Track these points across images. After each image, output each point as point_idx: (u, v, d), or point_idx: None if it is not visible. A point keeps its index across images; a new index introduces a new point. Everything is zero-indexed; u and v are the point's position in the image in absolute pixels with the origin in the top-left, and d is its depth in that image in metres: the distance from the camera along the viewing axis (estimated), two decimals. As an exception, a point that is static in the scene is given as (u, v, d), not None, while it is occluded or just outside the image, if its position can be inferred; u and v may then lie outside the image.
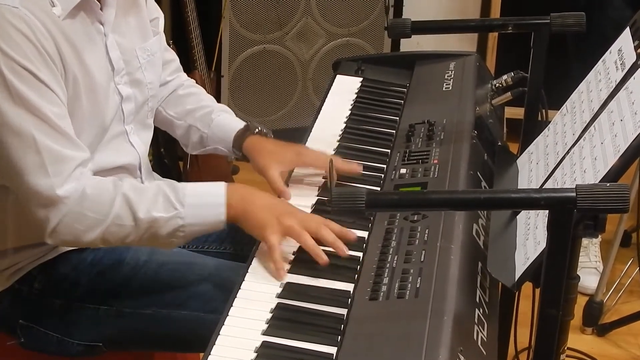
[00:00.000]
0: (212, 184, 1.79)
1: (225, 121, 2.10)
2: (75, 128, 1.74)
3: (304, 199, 1.91)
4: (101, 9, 1.80)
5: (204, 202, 1.75)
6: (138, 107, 1.92)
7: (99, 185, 1.72)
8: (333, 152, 2.09)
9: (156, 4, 2.05)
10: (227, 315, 1.54)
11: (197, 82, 2.26)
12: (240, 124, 2.09)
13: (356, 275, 1.63)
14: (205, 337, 1.50)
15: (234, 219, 1.75)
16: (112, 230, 1.71)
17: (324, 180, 1.98)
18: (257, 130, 2.06)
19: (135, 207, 1.70)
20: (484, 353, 1.45)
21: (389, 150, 2.08)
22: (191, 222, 1.73)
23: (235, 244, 2.12)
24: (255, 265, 1.69)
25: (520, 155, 1.95)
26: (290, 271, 1.67)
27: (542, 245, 1.44)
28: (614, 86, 1.67)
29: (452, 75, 2.35)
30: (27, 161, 1.65)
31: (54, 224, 1.68)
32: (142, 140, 1.95)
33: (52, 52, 1.66)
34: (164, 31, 2.11)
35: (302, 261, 1.70)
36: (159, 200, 1.72)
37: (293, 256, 1.71)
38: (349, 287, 1.61)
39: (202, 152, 2.15)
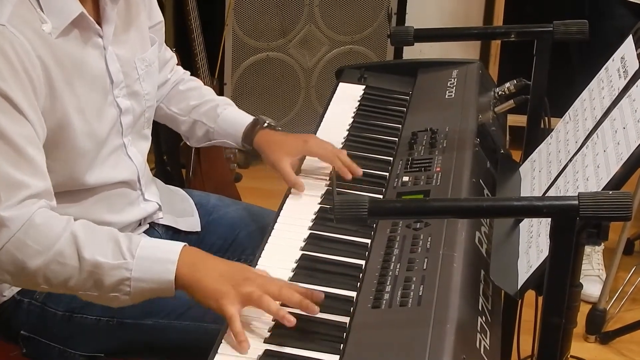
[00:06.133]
0: (169, 242, 1.67)
1: (232, 115, 2.11)
2: (68, 145, 1.73)
3: (306, 207, 1.91)
4: (100, 23, 1.78)
5: (155, 256, 1.60)
6: (135, 119, 1.91)
7: (50, 220, 1.62)
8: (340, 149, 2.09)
9: (158, 9, 2.05)
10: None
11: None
12: (247, 118, 2.11)
13: (358, 283, 1.63)
14: (207, 347, 1.49)
15: (184, 287, 1.60)
16: (54, 269, 1.59)
17: (326, 188, 1.98)
18: (265, 123, 2.07)
19: (82, 246, 1.59)
20: (487, 361, 1.44)
21: (391, 158, 2.08)
22: (138, 277, 1.59)
23: (237, 253, 2.12)
24: (259, 267, 1.68)
25: (522, 163, 1.95)
26: (291, 279, 1.67)
27: (545, 253, 1.44)
28: (616, 94, 1.67)
29: (455, 83, 2.35)
30: None
31: None
32: (139, 152, 1.94)
33: (35, 73, 1.63)
34: (167, 38, 2.11)
35: (304, 268, 1.70)
36: (108, 245, 1.61)
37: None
38: (351, 295, 1.61)
39: (207, 145, 2.16)
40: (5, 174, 1.59)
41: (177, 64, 2.24)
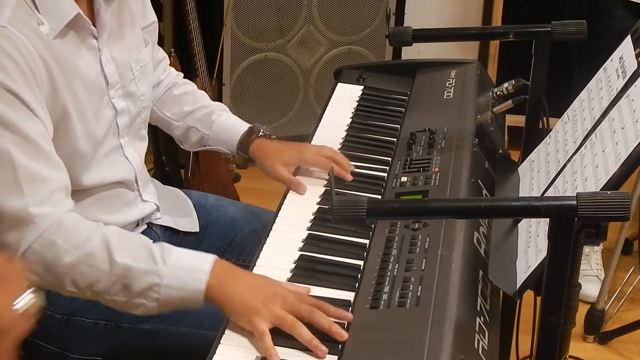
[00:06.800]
0: (202, 253, 1.64)
1: (227, 123, 2.11)
2: (67, 146, 1.73)
3: (305, 208, 1.91)
4: (95, 25, 1.78)
5: (188, 265, 1.59)
6: (132, 120, 1.91)
7: (80, 222, 1.63)
8: (338, 149, 2.09)
9: (152, 9, 2.05)
10: (225, 329, 1.54)
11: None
12: (243, 125, 2.11)
13: (357, 284, 1.63)
14: (203, 353, 1.49)
15: (213, 299, 1.58)
16: (83, 270, 1.59)
17: (325, 188, 1.98)
18: (260, 132, 2.08)
19: (114, 249, 1.59)
20: (485, 361, 1.44)
21: (390, 158, 2.08)
22: (168, 284, 1.57)
23: (236, 254, 2.11)
24: (257, 268, 1.69)
25: (521, 163, 1.95)
26: (290, 280, 1.67)
27: (544, 253, 1.44)
28: (615, 94, 1.67)
29: (453, 83, 2.35)
30: (1, 178, 1.58)
31: (23, 248, 1.58)
32: (136, 153, 1.94)
33: (38, 72, 1.63)
34: (166, 39, 2.11)
35: (303, 269, 1.70)
36: (141, 252, 1.60)
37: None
38: (349, 295, 1.61)
39: (200, 149, 2.18)
40: (28, 168, 1.59)
41: (175, 64, 2.23)
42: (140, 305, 1.60)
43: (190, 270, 1.59)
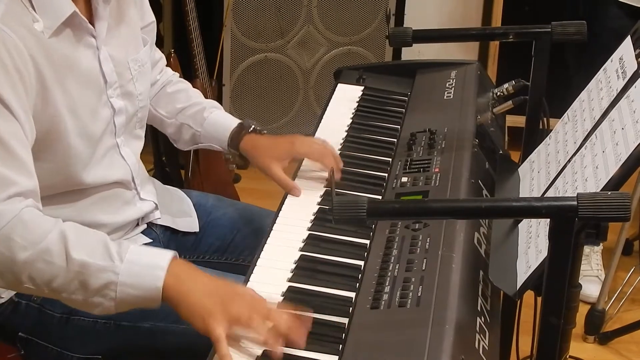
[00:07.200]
0: (159, 249, 1.62)
1: (218, 119, 2.11)
2: (61, 145, 1.72)
3: (305, 208, 1.91)
4: (93, 23, 1.78)
5: (144, 261, 1.56)
6: (128, 119, 1.90)
7: (39, 218, 1.58)
8: (338, 150, 2.09)
9: (150, 9, 2.05)
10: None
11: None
12: (234, 121, 2.10)
13: (357, 284, 1.63)
14: (204, 350, 1.49)
15: (170, 298, 1.54)
16: (39, 267, 1.54)
17: (325, 188, 1.98)
18: (251, 128, 2.07)
19: (70, 245, 1.54)
20: (486, 362, 1.45)
21: (390, 159, 2.08)
22: (125, 281, 1.53)
23: (236, 254, 2.12)
24: (258, 268, 1.69)
25: (521, 164, 1.95)
26: (291, 279, 1.67)
27: (544, 253, 1.44)
28: (615, 95, 1.67)
29: (453, 84, 2.35)
30: None
31: None
32: (132, 152, 1.94)
33: (27, 72, 1.61)
34: (165, 40, 2.11)
35: (303, 269, 1.70)
36: (98, 248, 1.56)
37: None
38: (350, 295, 1.61)
39: (193, 148, 2.17)
40: None
41: (175, 65, 2.23)
42: (98, 305, 1.57)
43: (147, 267, 1.55)
